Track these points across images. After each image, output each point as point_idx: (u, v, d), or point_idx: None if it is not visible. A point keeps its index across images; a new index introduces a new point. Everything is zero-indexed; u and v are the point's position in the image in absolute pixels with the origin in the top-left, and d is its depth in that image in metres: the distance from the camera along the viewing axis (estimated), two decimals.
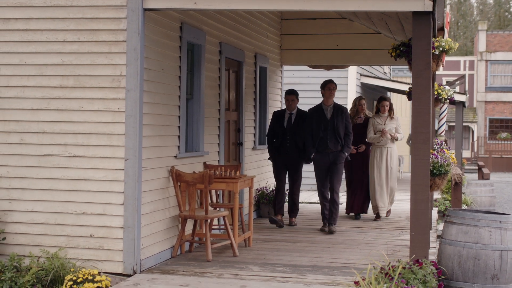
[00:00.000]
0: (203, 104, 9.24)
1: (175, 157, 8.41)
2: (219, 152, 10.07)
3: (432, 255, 7.77)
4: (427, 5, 6.79)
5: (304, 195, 14.78)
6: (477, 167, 29.25)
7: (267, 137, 11.30)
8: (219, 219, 9.73)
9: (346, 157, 10.53)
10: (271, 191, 11.67)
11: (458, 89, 26.47)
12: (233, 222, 8.77)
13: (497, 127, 45.34)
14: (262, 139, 12.29)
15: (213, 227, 9.15)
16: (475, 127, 45.09)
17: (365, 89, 19.26)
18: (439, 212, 14.14)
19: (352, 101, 12.37)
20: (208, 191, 8.11)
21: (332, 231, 10.20)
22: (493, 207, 17.56)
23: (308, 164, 11.06)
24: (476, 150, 43.88)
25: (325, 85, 10.63)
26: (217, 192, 9.52)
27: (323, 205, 10.44)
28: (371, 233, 10.38)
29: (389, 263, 6.53)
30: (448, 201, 14.89)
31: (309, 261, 8.12)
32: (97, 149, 7.33)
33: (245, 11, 11.00)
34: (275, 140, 10.94)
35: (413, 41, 6.98)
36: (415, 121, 7.02)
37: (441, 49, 8.49)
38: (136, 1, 7.21)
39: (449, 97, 10.54)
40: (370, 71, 19.71)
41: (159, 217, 7.95)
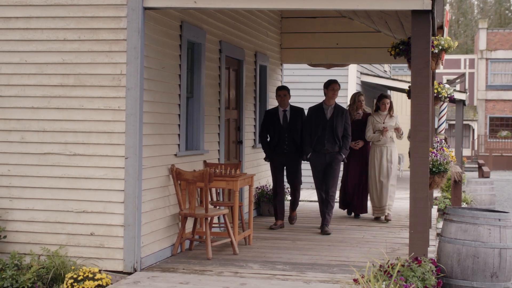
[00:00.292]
0: (203, 102, 9.25)
1: (175, 155, 8.43)
2: (219, 150, 10.08)
3: (432, 253, 7.78)
4: (426, 4, 6.79)
5: (304, 193, 14.80)
6: (477, 165, 29.25)
7: (260, 137, 10.98)
8: (219, 217, 9.74)
9: (343, 159, 10.36)
10: (271, 190, 11.53)
11: (458, 88, 26.48)
12: (233, 220, 8.79)
13: (497, 125, 45.33)
14: None
15: (213, 225, 9.17)
16: (475, 125, 45.08)
17: (365, 87, 19.26)
18: (439, 210, 14.14)
19: (350, 97, 12.07)
20: (208, 189, 8.13)
21: (326, 233, 10.01)
22: (493, 205, 17.57)
23: (304, 161, 10.73)
24: (476, 148, 43.88)
25: (329, 84, 10.39)
26: (217, 190, 9.53)
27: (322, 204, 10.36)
28: (371, 231, 10.39)
29: (388, 261, 6.54)
30: (448, 199, 14.91)
31: (309, 259, 8.14)
32: (98, 148, 7.35)
33: (245, 10, 11.00)
34: (269, 139, 10.64)
35: (412, 40, 6.98)
36: (415, 120, 7.03)
37: (441, 47, 8.50)
38: (136, 0, 7.22)
39: (449, 96, 10.48)
40: (370, 69, 19.71)
41: (159, 215, 7.97)
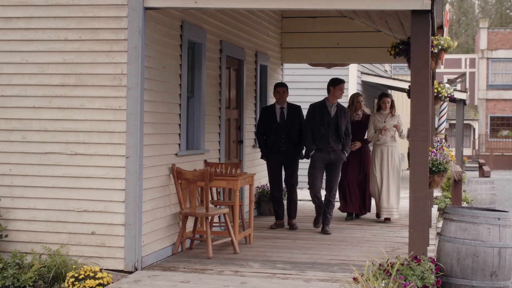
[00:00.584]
0: (204, 102, 9.28)
1: (176, 155, 8.45)
2: (219, 150, 10.10)
3: (432, 253, 7.80)
4: (425, 4, 6.80)
5: (304, 193, 14.80)
6: (478, 165, 29.25)
7: (256, 135, 10.87)
8: (220, 216, 9.77)
9: (345, 158, 10.27)
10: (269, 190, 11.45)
11: (459, 87, 26.46)
12: (233, 219, 8.81)
13: (498, 125, 45.33)
14: None
15: (213, 224, 9.19)
16: (476, 125, 45.07)
17: (366, 87, 19.28)
18: (439, 209, 14.15)
19: (349, 98, 11.83)
20: (208, 189, 8.15)
21: (326, 232, 10.00)
22: (493, 205, 17.58)
23: (302, 159, 10.62)
24: (477, 148, 43.86)
25: (337, 83, 10.17)
26: (217, 189, 9.56)
27: (316, 203, 10.21)
28: (371, 230, 10.41)
29: (388, 260, 6.56)
30: (448, 199, 14.92)
31: (309, 258, 8.16)
32: (98, 147, 7.38)
33: (245, 10, 11.02)
34: (265, 137, 10.49)
35: (412, 40, 7.00)
36: (414, 119, 7.04)
37: (440, 47, 8.52)
38: (137, 0, 7.24)
39: (449, 95, 10.47)
40: (371, 69, 19.73)
41: (160, 215, 7.99)
